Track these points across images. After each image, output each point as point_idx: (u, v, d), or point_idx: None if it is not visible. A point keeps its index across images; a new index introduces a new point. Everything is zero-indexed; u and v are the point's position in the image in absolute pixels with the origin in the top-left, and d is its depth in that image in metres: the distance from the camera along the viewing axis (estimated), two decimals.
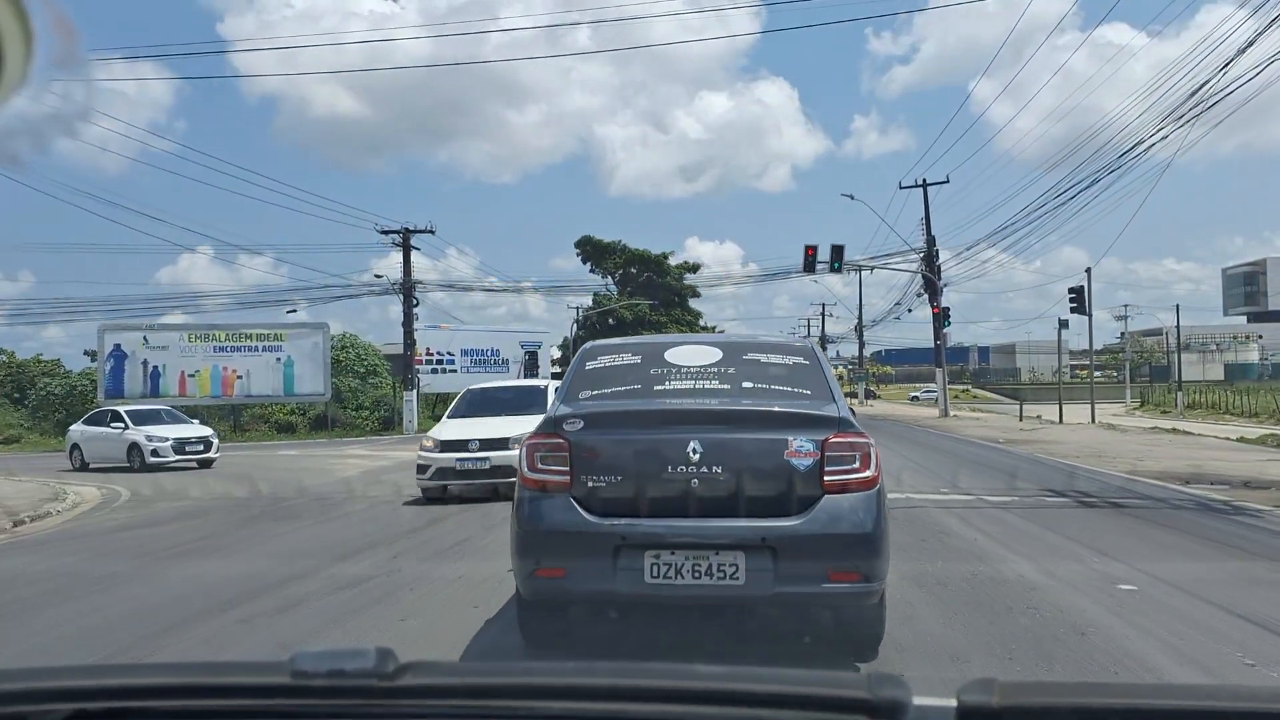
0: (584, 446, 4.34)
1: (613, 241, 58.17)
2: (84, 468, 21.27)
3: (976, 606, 5.65)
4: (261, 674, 1.26)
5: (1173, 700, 1.15)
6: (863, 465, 4.28)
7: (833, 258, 32.11)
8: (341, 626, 5.61)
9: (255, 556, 8.32)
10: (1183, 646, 4.77)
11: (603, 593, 4.30)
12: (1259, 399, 36.42)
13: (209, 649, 5.17)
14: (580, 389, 4.78)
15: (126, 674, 1.38)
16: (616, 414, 4.56)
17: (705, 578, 4.15)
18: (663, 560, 4.17)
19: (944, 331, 39.40)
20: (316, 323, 38.52)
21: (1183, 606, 5.64)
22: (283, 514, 11.60)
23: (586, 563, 4.25)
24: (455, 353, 43.29)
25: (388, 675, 1.12)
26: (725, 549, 4.15)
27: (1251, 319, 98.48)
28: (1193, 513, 10.01)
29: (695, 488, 4.21)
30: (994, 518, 9.60)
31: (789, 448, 4.24)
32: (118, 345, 35.52)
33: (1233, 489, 12.13)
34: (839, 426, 4.34)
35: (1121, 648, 4.74)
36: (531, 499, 4.39)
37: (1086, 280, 33.44)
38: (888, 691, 1.06)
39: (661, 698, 1.15)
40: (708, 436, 4.26)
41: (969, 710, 1.05)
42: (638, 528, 4.20)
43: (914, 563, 6.82)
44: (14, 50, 1.31)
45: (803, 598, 4.27)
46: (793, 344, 5.33)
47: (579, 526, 4.24)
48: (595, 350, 5.17)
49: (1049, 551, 7.55)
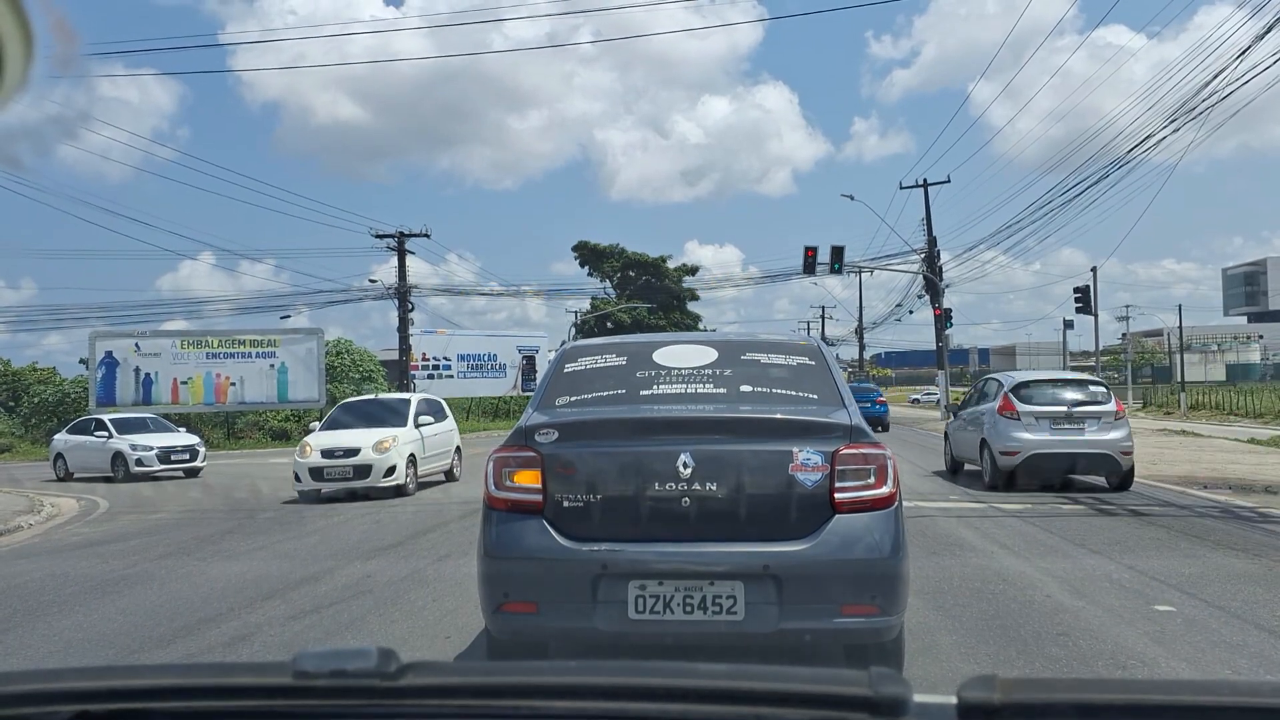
0: (559, 460, 3.80)
1: (610, 245, 57.78)
2: (68, 477, 20.72)
3: (1003, 633, 5.11)
4: (264, 674, 1.26)
5: (1172, 695, 1.13)
6: (879, 480, 3.75)
7: (833, 259, 31.58)
8: None
9: (201, 583, 7.76)
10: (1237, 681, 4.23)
11: (581, 630, 3.75)
12: (1263, 399, 35.84)
13: None
14: (557, 395, 4.24)
15: (129, 675, 1.31)
16: (596, 423, 4.01)
17: (699, 611, 3.61)
18: (649, 592, 3.63)
19: (945, 333, 38.90)
20: (311, 328, 38.02)
21: (1229, 632, 5.11)
22: (257, 528, 11.06)
23: (562, 595, 3.72)
24: (452, 358, 42.85)
25: (390, 675, 1.12)
26: (721, 578, 3.62)
27: (1252, 319, 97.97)
28: (1219, 521, 9.48)
29: (687, 507, 3.68)
30: (1010, 528, 9.07)
31: (794, 460, 3.70)
32: (109, 353, 35.03)
33: (1254, 494, 11.76)
34: (851, 436, 3.80)
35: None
36: (499, 522, 3.84)
37: (1092, 280, 32.98)
38: (889, 689, 1.06)
39: (663, 696, 1.14)
40: (701, 448, 3.72)
41: (970, 707, 1.05)
42: (621, 554, 3.66)
43: (930, 580, 6.30)
44: (14, 53, 1.33)
45: (811, 634, 3.71)
46: (797, 342, 4.77)
47: (553, 553, 3.70)
48: (575, 351, 4.62)
49: (1072, 566, 7.02)
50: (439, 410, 16.27)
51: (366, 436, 13.78)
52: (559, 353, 4.75)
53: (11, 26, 1.31)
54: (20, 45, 1.33)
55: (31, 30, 1.32)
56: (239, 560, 8.61)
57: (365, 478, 13.34)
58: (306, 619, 5.99)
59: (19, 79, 1.38)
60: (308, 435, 14.70)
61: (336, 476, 13.42)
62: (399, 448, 13.80)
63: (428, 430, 15.01)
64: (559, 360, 4.57)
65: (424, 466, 14.66)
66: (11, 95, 1.41)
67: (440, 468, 15.60)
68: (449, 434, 16.23)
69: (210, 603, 6.64)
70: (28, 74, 1.38)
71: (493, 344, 44.73)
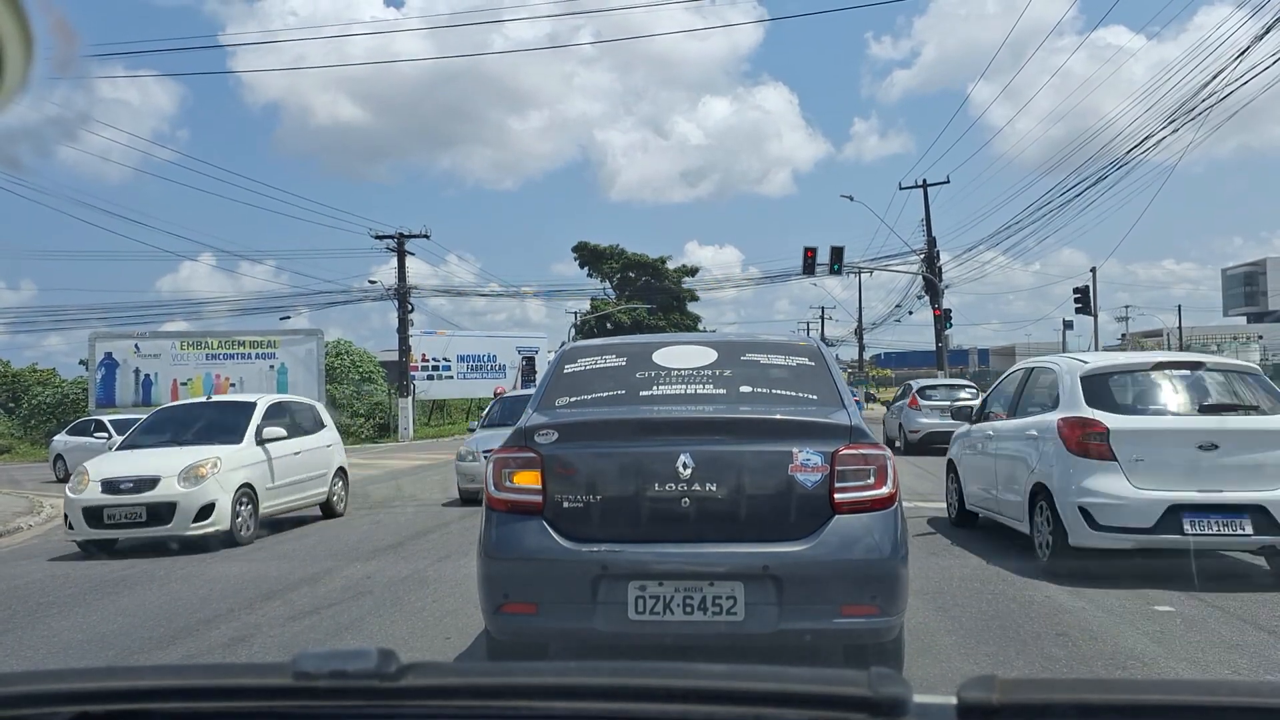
0: (559, 461, 3.80)
1: (610, 246, 57.78)
2: (68, 478, 20.67)
3: (1002, 633, 5.11)
4: (264, 675, 1.25)
5: (1172, 695, 1.13)
6: (879, 481, 3.75)
7: (832, 260, 31.56)
8: None
9: (200, 583, 7.76)
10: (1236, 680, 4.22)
11: (581, 631, 3.75)
12: None
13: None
14: (556, 396, 4.24)
15: (130, 676, 1.30)
16: (596, 424, 4.02)
17: (698, 612, 3.61)
18: (649, 592, 3.63)
19: (945, 333, 38.89)
20: (310, 329, 37.99)
21: (1229, 632, 5.11)
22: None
23: (562, 596, 3.72)
24: (452, 359, 42.86)
25: (390, 676, 1.12)
26: (721, 579, 3.62)
27: (1251, 319, 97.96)
28: None
29: (686, 508, 3.68)
30: (1009, 529, 9.04)
31: (794, 461, 3.71)
32: (109, 354, 35.02)
33: None
34: (851, 436, 3.80)
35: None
36: (499, 522, 3.85)
37: (1092, 280, 33.00)
38: (889, 689, 1.05)
39: (662, 697, 1.14)
40: (701, 449, 3.72)
41: (969, 707, 1.05)
42: (621, 555, 3.66)
43: (930, 581, 6.30)
44: (14, 54, 1.32)
45: (811, 635, 3.71)
46: (796, 343, 4.77)
47: (553, 554, 3.70)
48: (575, 352, 4.62)
49: (1072, 567, 7.00)
50: (308, 417, 11.78)
51: (173, 459, 9.53)
52: (558, 353, 4.74)
53: (11, 28, 1.31)
54: (20, 46, 1.33)
55: (31, 31, 1.32)
56: (238, 561, 8.61)
57: (165, 523, 9.10)
58: (306, 620, 5.99)
59: (19, 80, 1.37)
60: (91, 461, 10.21)
61: (123, 520, 9.15)
62: (223, 476, 9.46)
63: (282, 447, 10.50)
64: (559, 361, 4.57)
65: (274, 501, 10.31)
66: (11, 96, 1.40)
67: (306, 501, 11.14)
68: (324, 452, 11.57)
69: (210, 603, 6.64)
70: (28, 75, 1.37)
71: (492, 345, 44.74)
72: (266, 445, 10.26)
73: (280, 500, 10.47)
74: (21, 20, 1.31)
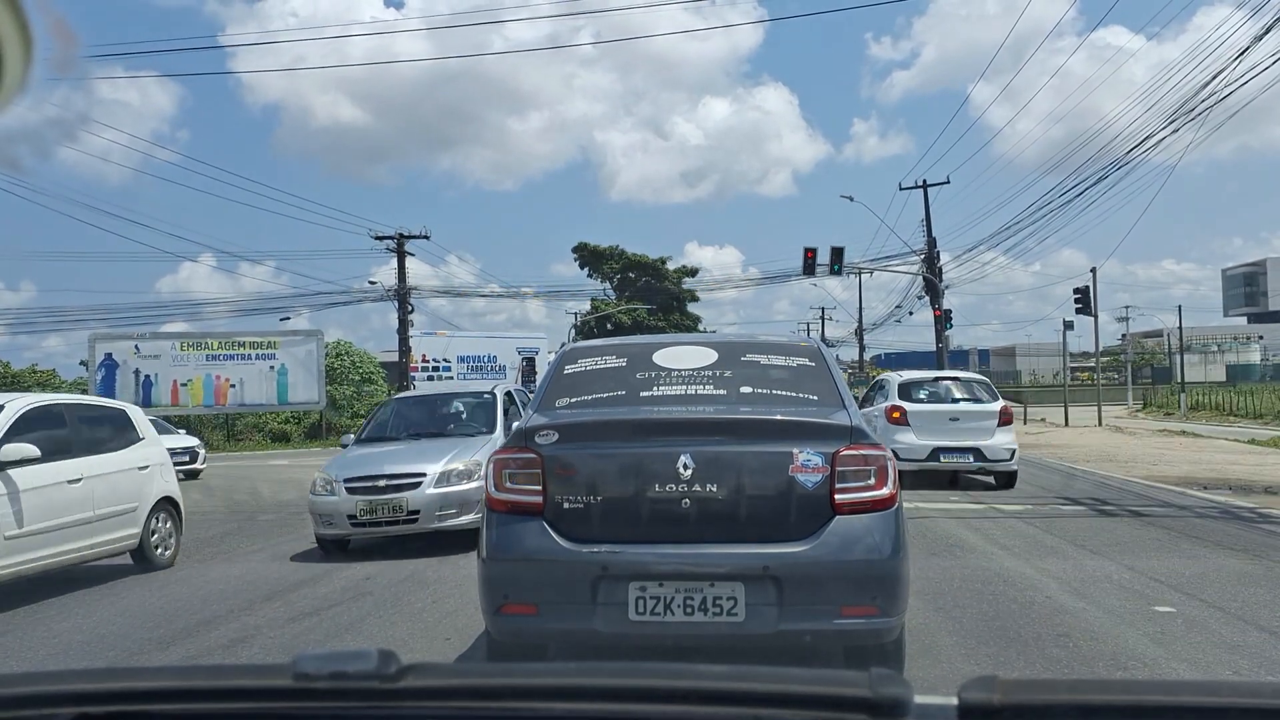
0: (559, 462, 3.79)
1: (610, 246, 57.73)
2: None
3: (1003, 634, 5.11)
4: (263, 677, 1.26)
5: (1172, 696, 1.13)
6: (879, 481, 3.74)
7: (832, 260, 31.54)
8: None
9: (201, 584, 7.76)
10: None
11: (581, 631, 3.74)
12: (1263, 400, 35.81)
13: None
14: (557, 396, 4.24)
15: (130, 677, 1.31)
16: (596, 424, 4.01)
17: (699, 613, 3.60)
18: (650, 593, 3.62)
19: (945, 334, 38.88)
20: (310, 330, 38.00)
21: (1229, 633, 5.11)
22: (257, 530, 11.07)
23: (562, 597, 3.71)
24: (452, 359, 42.80)
25: (390, 677, 1.12)
26: (722, 579, 3.61)
27: (1251, 319, 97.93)
28: (1219, 521, 9.47)
29: (687, 509, 3.67)
30: (1009, 529, 9.06)
31: (794, 462, 3.70)
32: (109, 355, 35.03)
33: (1254, 494, 11.77)
34: (851, 437, 3.80)
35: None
36: (499, 523, 3.84)
37: (1092, 280, 32.96)
38: (889, 689, 1.05)
39: (663, 698, 1.15)
40: (701, 449, 3.72)
41: (970, 708, 1.05)
42: (621, 556, 3.66)
43: (931, 581, 6.29)
44: (13, 55, 1.33)
45: (811, 635, 3.70)
46: (797, 343, 4.77)
47: (553, 555, 3.69)
48: (575, 353, 4.62)
49: (1072, 567, 7.01)
50: (107, 428, 8.15)
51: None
52: (559, 354, 4.74)
53: (11, 28, 1.31)
54: (19, 47, 1.33)
55: (31, 32, 1.32)
56: (238, 562, 8.61)
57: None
58: (306, 621, 5.99)
59: (18, 81, 1.37)
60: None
61: None
62: None
63: (55, 470, 7.15)
64: (559, 362, 4.56)
65: (34, 553, 6.89)
66: (11, 98, 1.40)
67: (93, 550, 7.55)
68: (132, 477, 8.04)
69: (210, 604, 6.64)
70: (27, 76, 1.37)
71: (493, 345, 44.69)
72: (13, 469, 6.82)
73: (25, 556, 6.84)
74: (21, 21, 1.31)
